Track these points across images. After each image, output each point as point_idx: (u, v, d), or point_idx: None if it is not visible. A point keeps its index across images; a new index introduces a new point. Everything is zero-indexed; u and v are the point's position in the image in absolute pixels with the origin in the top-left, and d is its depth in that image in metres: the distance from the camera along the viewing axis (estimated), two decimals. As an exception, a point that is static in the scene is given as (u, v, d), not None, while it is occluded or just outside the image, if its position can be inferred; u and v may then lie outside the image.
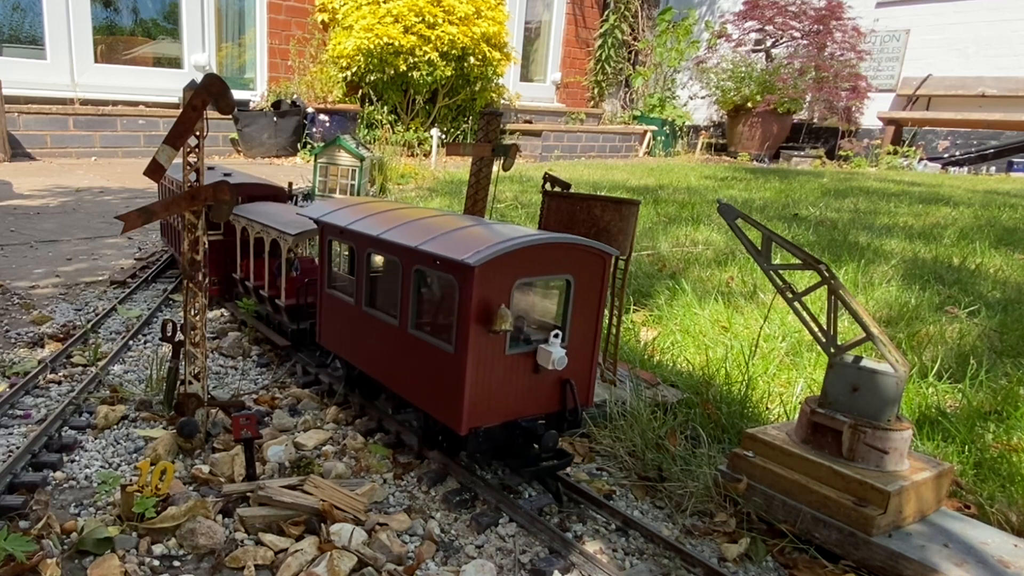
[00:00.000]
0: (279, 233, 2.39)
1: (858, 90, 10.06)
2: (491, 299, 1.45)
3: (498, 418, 1.56)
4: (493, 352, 1.50)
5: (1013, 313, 2.85)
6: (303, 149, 8.41)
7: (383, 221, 1.80)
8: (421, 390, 1.66)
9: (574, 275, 1.57)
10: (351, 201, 2.11)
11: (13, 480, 1.60)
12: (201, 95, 1.65)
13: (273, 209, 2.71)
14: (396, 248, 1.66)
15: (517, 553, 1.48)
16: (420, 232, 1.63)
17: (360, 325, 1.89)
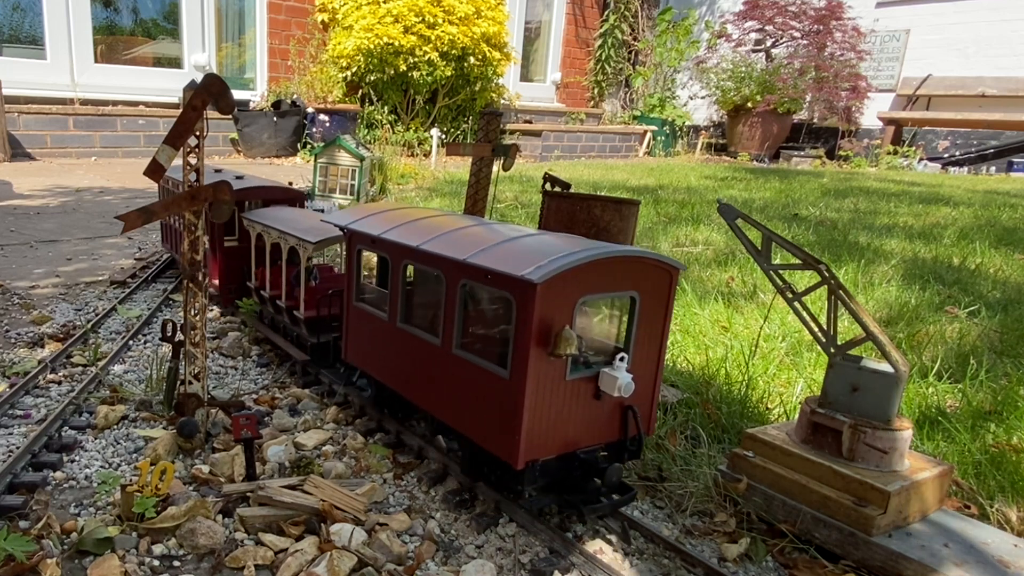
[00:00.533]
0: (298, 241, 2.26)
1: (858, 90, 10.06)
2: (553, 319, 1.33)
3: (556, 449, 1.44)
4: (553, 378, 1.38)
5: (1013, 313, 2.85)
6: (303, 149, 8.41)
7: (421, 230, 1.68)
8: (467, 417, 1.53)
9: (639, 291, 1.44)
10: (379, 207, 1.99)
11: (13, 480, 1.60)
12: (201, 95, 1.65)
13: (290, 214, 2.59)
14: (440, 260, 1.53)
15: (517, 553, 1.48)
16: (466, 243, 1.51)
17: (394, 342, 1.76)
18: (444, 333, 1.56)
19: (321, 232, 2.23)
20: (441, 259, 1.53)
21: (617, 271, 1.41)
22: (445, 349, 1.56)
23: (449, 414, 1.60)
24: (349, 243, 1.91)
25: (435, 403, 1.65)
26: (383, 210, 1.93)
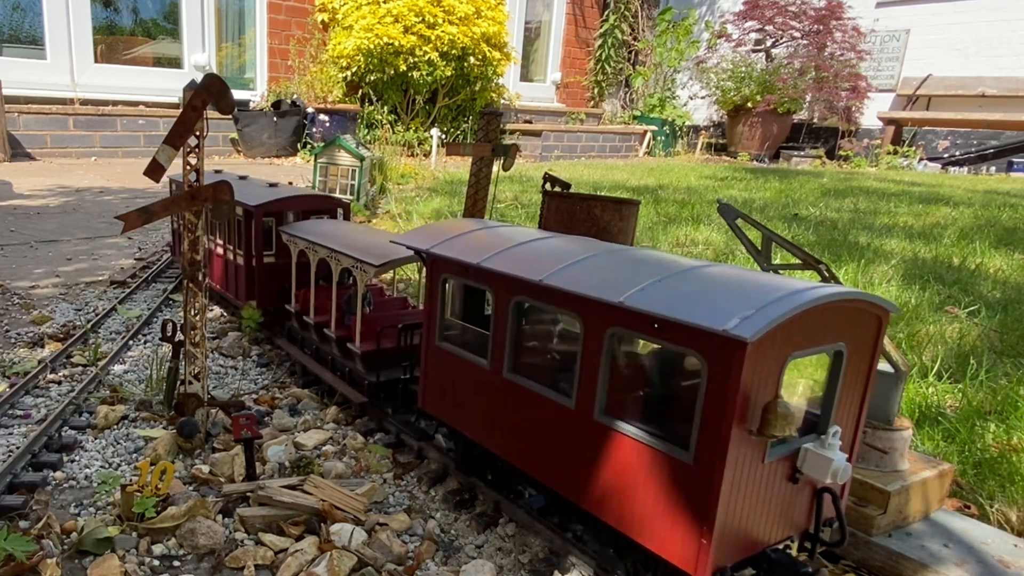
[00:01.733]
0: (355, 262, 1.98)
1: (858, 90, 10.06)
2: (759, 387, 1.03)
3: (747, 550, 1.14)
4: (750, 462, 1.07)
5: (1013, 313, 2.85)
6: (303, 149, 8.41)
7: (536, 257, 1.35)
8: (619, 504, 1.20)
9: (846, 342, 1.15)
10: (461, 226, 1.65)
11: (13, 480, 1.60)
12: (201, 95, 1.65)
13: (338, 229, 2.31)
14: (577, 301, 1.21)
15: (517, 553, 1.48)
16: (611, 276, 1.20)
17: (497, 396, 1.44)
18: (581, 393, 1.24)
19: (382, 252, 1.95)
20: (579, 300, 1.20)
21: (825, 319, 1.10)
22: (583, 414, 1.24)
23: (590, 498, 1.25)
24: (431, 270, 1.60)
25: (566, 482, 1.30)
26: (468, 229, 1.61)
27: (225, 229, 2.76)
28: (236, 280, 2.69)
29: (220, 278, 2.87)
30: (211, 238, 2.89)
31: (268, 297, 2.54)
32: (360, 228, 2.42)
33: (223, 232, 2.79)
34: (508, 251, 1.41)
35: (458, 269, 1.51)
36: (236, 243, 2.65)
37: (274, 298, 2.52)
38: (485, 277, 1.44)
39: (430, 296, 1.61)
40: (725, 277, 1.14)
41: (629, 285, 1.13)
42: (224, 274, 2.82)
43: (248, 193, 2.58)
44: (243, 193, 2.54)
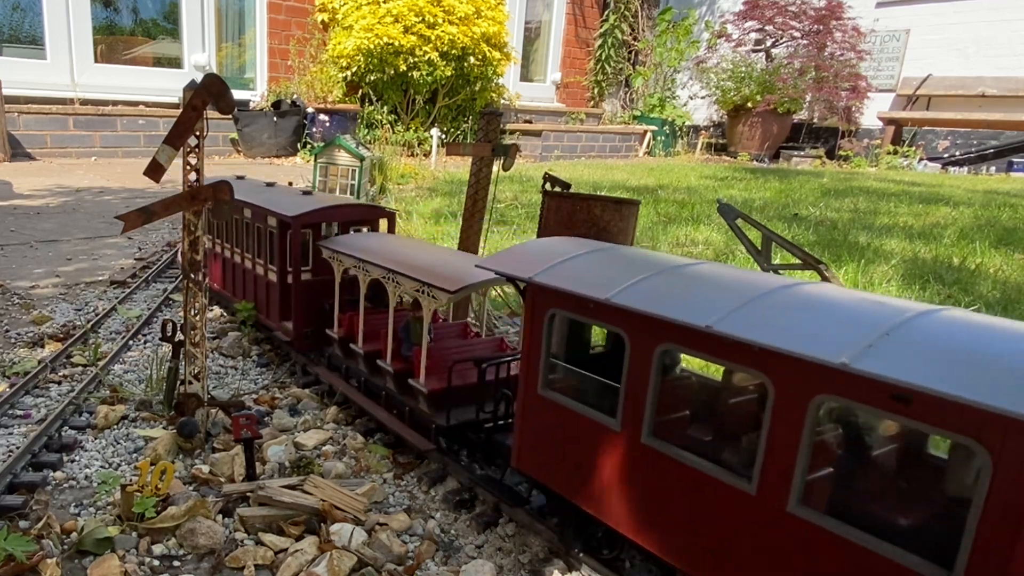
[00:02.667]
0: (423, 286, 1.71)
1: (858, 90, 10.06)
2: None
3: None
4: None
5: (1013, 313, 2.85)
6: (303, 149, 8.41)
7: (690, 291, 1.08)
8: None
9: None
10: (564, 248, 1.37)
11: (13, 480, 1.60)
12: (201, 95, 1.65)
13: (391, 244, 2.06)
14: (767, 357, 0.94)
15: (517, 553, 1.48)
16: (815, 323, 0.93)
17: (633, 466, 1.17)
18: (767, 477, 0.97)
19: (454, 275, 1.66)
20: (770, 355, 0.93)
21: None
22: (769, 502, 0.97)
23: None
24: (533, 303, 1.32)
25: None
26: (576, 252, 1.31)
27: (253, 241, 2.52)
28: (267, 298, 2.47)
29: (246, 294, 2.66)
30: (235, 250, 2.71)
31: (306, 318, 2.29)
32: (414, 243, 2.13)
33: (250, 243, 2.56)
34: (646, 282, 1.10)
35: (573, 304, 1.22)
36: (267, 257, 2.41)
37: (312, 319, 2.28)
38: (617, 317, 1.13)
39: (531, 334, 1.31)
40: (987, 331, 0.84)
41: (848, 338, 0.85)
42: (252, 291, 2.60)
43: (281, 202, 2.37)
44: (275, 202, 2.38)
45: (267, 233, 2.39)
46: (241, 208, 2.54)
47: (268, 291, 2.45)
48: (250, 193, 2.60)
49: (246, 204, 2.50)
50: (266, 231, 2.40)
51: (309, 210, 2.26)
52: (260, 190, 2.68)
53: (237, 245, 2.69)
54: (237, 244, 2.69)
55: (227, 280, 2.84)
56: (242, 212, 2.55)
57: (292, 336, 2.32)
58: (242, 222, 2.59)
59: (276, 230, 2.32)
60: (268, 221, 2.37)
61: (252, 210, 2.48)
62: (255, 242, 2.51)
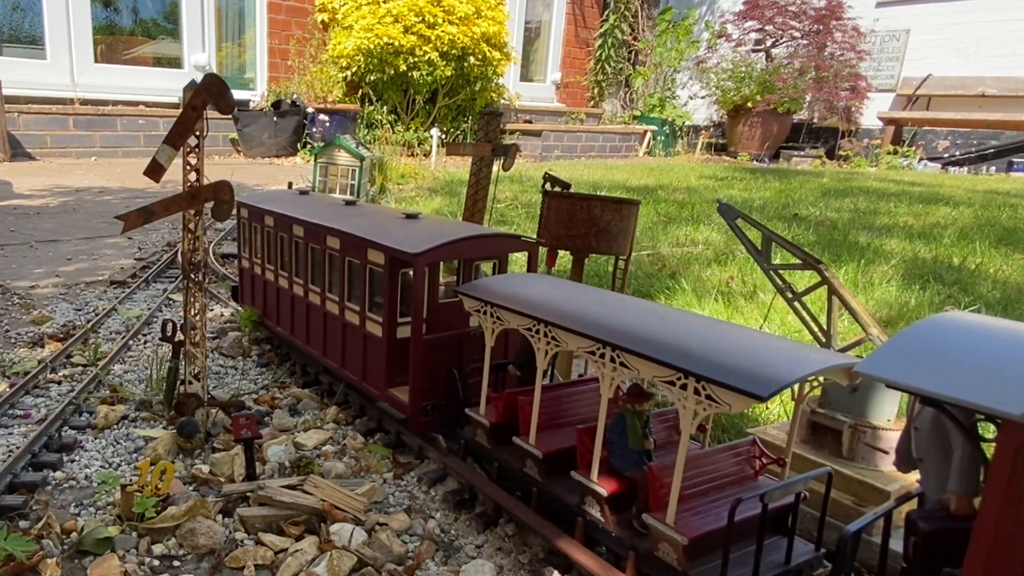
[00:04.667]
0: (696, 381, 1.09)
1: (858, 90, 10.06)
2: None
3: None
4: None
5: (1013, 313, 2.85)
6: (303, 149, 8.41)
7: None
8: None
9: None
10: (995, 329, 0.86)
11: (13, 480, 1.60)
12: (201, 95, 1.65)
13: (579, 296, 1.45)
14: None
15: (517, 553, 1.48)
16: None
17: None
18: None
19: (759, 366, 1.04)
20: None
21: None
22: None
23: None
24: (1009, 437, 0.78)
25: None
26: None
27: (341, 278, 1.98)
28: (365, 355, 1.92)
29: (328, 346, 2.09)
30: (309, 286, 2.15)
31: (428, 388, 1.74)
32: (613, 296, 1.46)
33: (334, 280, 2.03)
34: None
35: None
36: (365, 302, 1.89)
37: (436, 390, 1.75)
38: None
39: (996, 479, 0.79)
40: None
41: None
42: (338, 342, 2.04)
43: (386, 230, 1.86)
44: (378, 230, 1.86)
45: (365, 271, 1.86)
46: (320, 235, 2.03)
47: (367, 347, 1.90)
48: (329, 214, 2.11)
49: (328, 230, 1.99)
50: (364, 268, 1.86)
51: (438, 244, 1.70)
52: (342, 210, 2.18)
53: (313, 280, 2.14)
54: (313, 279, 2.14)
55: (291, 319, 2.30)
56: (323, 241, 2.02)
57: (407, 411, 1.76)
58: (321, 251, 2.05)
59: (383, 269, 1.78)
60: (369, 255, 1.83)
61: (341, 239, 1.94)
62: (344, 280, 1.96)
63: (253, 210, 2.47)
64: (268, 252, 2.42)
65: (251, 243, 2.54)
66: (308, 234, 2.12)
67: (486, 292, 1.55)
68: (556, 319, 1.35)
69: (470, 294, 1.58)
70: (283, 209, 2.28)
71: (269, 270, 2.42)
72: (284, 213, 2.24)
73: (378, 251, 1.80)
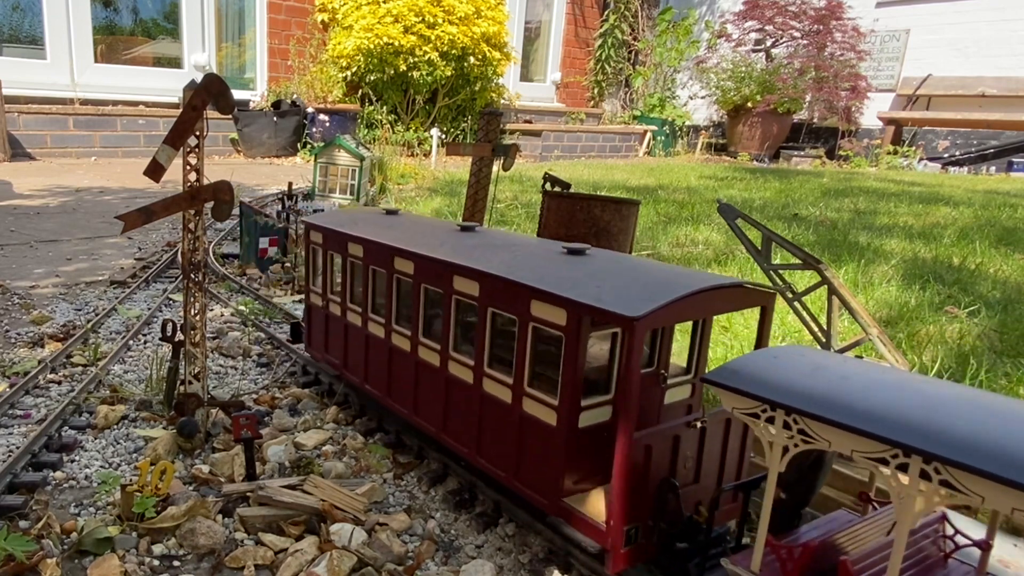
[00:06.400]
0: None
1: (858, 90, 10.07)
2: None
3: None
4: None
5: (1013, 313, 2.85)
6: (303, 149, 8.41)
7: None
8: None
9: None
10: None
11: (13, 480, 1.60)
12: (201, 95, 1.65)
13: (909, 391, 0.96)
14: None
15: (517, 553, 1.48)
16: None
17: None
18: None
19: None
20: None
21: None
22: None
23: None
24: None
25: None
26: None
27: (482, 336, 1.46)
28: (520, 445, 1.40)
29: (449, 419, 1.61)
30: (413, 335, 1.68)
31: (636, 507, 1.23)
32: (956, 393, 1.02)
33: (460, 336, 1.56)
34: None
35: None
36: (525, 374, 1.37)
37: (643, 505, 1.24)
38: None
39: None
40: None
41: None
42: (466, 419, 1.55)
43: (549, 271, 1.36)
44: (535, 271, 1.37)
45: (526, 330, 1.35)
46: (442, 274, 1.55)
47: (526, 435, 1.39)
48: (447, 244, 1.63)
49: (458, 269, 1.50)
50: (525, 326, 1.35)
51: (665, 302, 1.17)
52: (462, 239, 1.66)
53: (427, 332, 1.66)
54: (427, 330, 1.67)
55: (387, 377, 1.82)
56: (447, 282, 1.54)
57: (605, 538, 1.23)
58: (443, 296, 1.56)
59: (562, 331, 1.27)
60: (535, 310, 1.32)
61: (481, 283, 1.45)
62: (485, 339, 1.47)
63: (331, 235, 1.99)
64: (354, 289, 1.94)
65: (326, 275, 2.06)
66: (422, 271, 1.62)
67: (770, 387, 1.00)
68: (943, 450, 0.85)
69: (748, 391, 1.01)
70: (377, 236, 1.80)
71: (354, 312, 1.93)
72: (380, 242, 1.76)
73: (554, 306, 1.28)
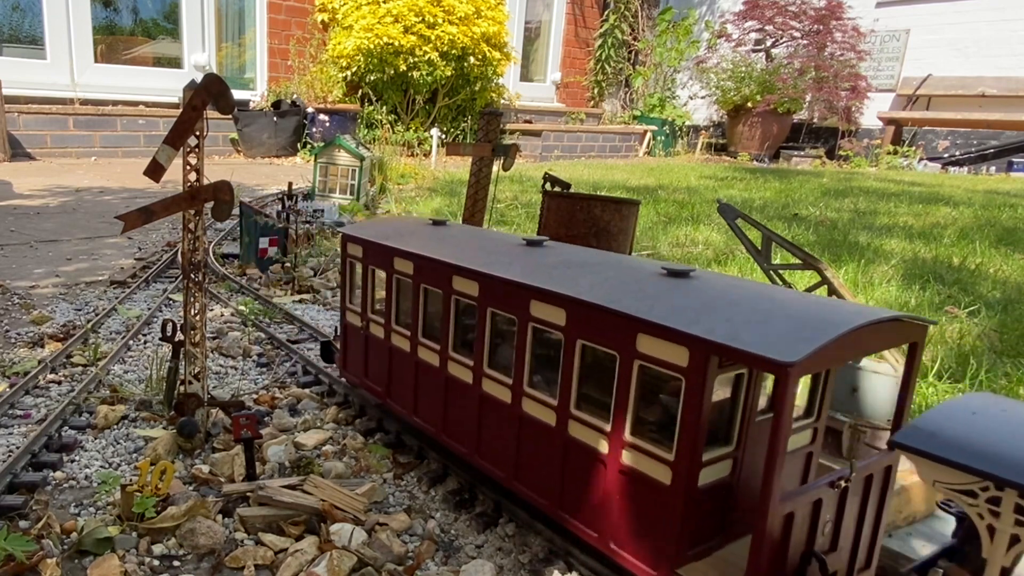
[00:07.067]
0: None
1: (858, 90, 10.07)
2: None
3: None
4: None
5: (1013, 313, 2.85)
6: (303, 149, 8.41)
7: None
8: None
9: None
10: None
11: (13, 480, 1.60)
12: (201, 95, 1.65)
13: None
14: None
15: (517, 553, 1.48)
16: None
17: None
18: None
19: None
20: None
21: None
22: None
23: None
24: None
25: None
26: None
27: (563, 370, 1.27)
28: (621, 503, 1.20)
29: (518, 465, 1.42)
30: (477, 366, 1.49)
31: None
32: None
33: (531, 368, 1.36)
34: None
35: None
36: (627, 420, 1.17)
37: None
38: None
39: None
40: None
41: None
42: (545, 466, 1.36)
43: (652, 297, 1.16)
44: (637, 297, 1.16)
45: (630, 369, 1.15)
46: (515, 297, 1.34)
47: (629, 492, 1.19)
48: (515, 261, 1.42)
49: (537, 293, 1.29)
50: (628, 364, 1.15)
51: (822, 344, 0.98)
52: (530, 255, 1.44)
53: (492, 363, 1.46)
54: (492, 361, 1.47)
55: (442, 412, 1.64)
56: (521, 307, 1.33)
57: None
58: (517, 323, 1.36)
59: (681, 373, 1.07)
60: (642, 345, 1.12)
61: (569, 311, 1.24)
62: (572, 376, 1.26)
63: (373, 248, 1.80)
64: (400, 310, 1.74)
65: (366, 292, 1.87)
66: (489, 294, 1.40)
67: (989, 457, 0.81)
68: None
69: (964, 464, 0.81)
70: (430, 250, 1.61)
71: (401, 335, 1.74)
72: (435, 258, 1.56)
73: (672, 343, 1.07)
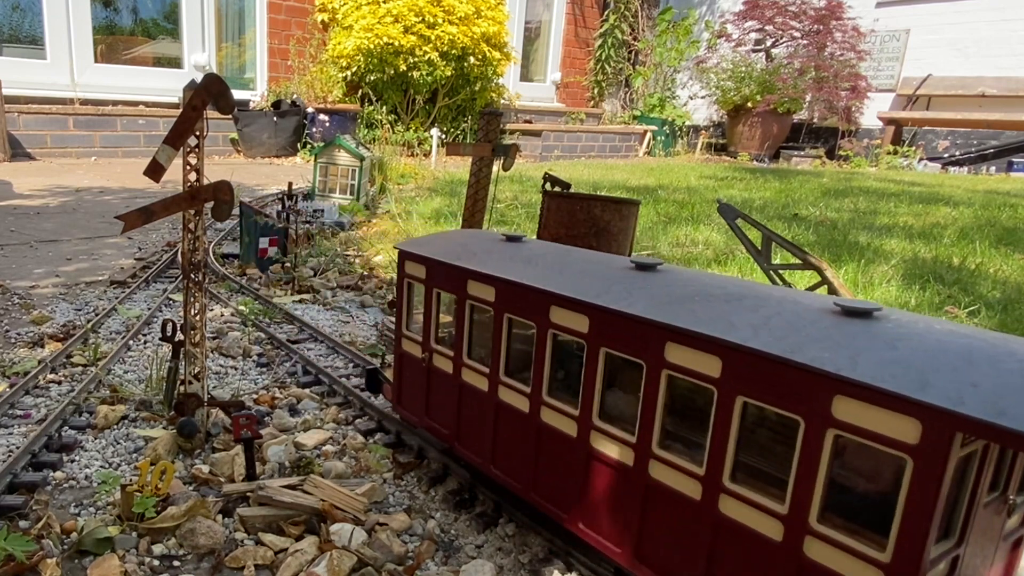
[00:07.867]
0: None
1: (858, 90, 10.07)
2: None
3: None
4: None
5: (1013, 313, 2.85)
6: (303, 149, 8.41)
7: None
8: None
9: None
10: None
11: (13, 480, 1.60)
12: (201, 95, 1.65)
13: None
14: None
15: (517, 553, 1.48)
16: None
17: None
18: None
19: None
20: None
21: None
22: None
23: None
24: None
25: None
26: None
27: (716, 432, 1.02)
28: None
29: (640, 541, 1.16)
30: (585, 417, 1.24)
31: None
32: None
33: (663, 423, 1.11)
34: None
35: None
36: (816, 503, 0.91)
37: None
38: None
39: None
40: None
41: None
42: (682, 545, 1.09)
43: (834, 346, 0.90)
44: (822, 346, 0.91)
45: (828, 443, 0.90)
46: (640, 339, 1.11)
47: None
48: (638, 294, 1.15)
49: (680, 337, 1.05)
50: (826, 437, 0.90)
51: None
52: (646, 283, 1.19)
53: (604, 415, 1.22)
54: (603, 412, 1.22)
55: (533, 464, 1.38)
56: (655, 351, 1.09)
57: None
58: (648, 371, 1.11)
59: (902, 451, 0.82)
60: (839, 410, 0.88)
61: (726, 361, 0.99)
62: (726, 439, 1.01)
63: (440, 268, 1.52)
64: (475, 342, 1.51)
65: (429, 319, 1.61)
66: (603, 331, 1.16)
67: None
68: None
69: None
70: (516, 274, 1.33)
71: (476, 372, 1.49)
72: (525, 283, 1.29)
73: (892, 412, 0.83)
